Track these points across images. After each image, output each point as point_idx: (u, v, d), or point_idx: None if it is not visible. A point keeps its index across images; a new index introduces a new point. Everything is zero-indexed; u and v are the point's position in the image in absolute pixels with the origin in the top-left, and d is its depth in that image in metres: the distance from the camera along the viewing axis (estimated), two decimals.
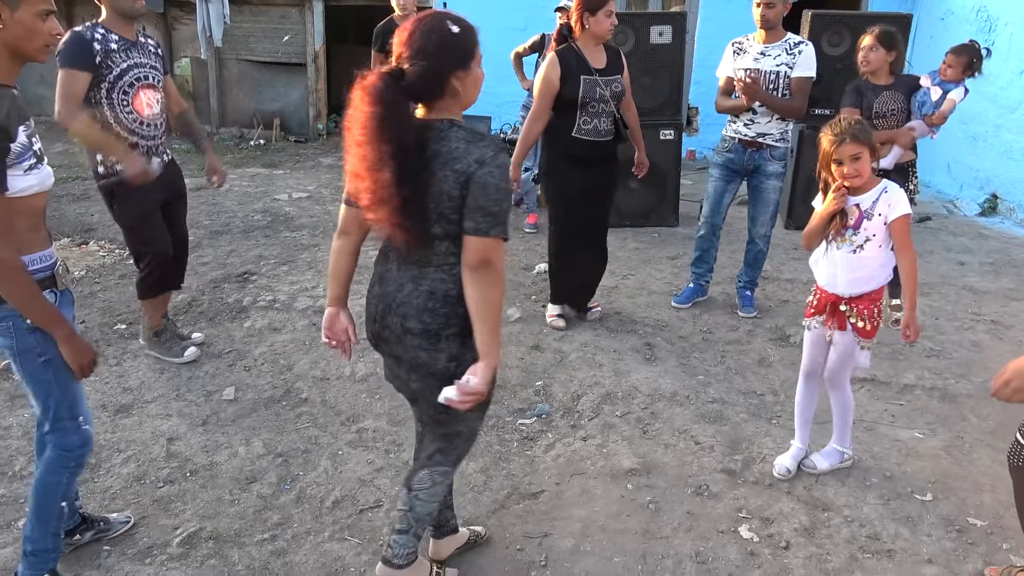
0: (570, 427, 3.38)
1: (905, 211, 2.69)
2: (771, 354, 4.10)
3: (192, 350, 3.87)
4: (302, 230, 6.13)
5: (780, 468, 3.05)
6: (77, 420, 2.25)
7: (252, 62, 10.24)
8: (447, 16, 1.95)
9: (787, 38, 4.33)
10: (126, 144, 3.42)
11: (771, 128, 4.34)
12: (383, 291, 2.10)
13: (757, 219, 4.53)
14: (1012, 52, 7.17)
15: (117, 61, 3.36)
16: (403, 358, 2.10)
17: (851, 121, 2.70)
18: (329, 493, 2.89)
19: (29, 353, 2.13)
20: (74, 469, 2.31)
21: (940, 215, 7.24)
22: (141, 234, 3.63)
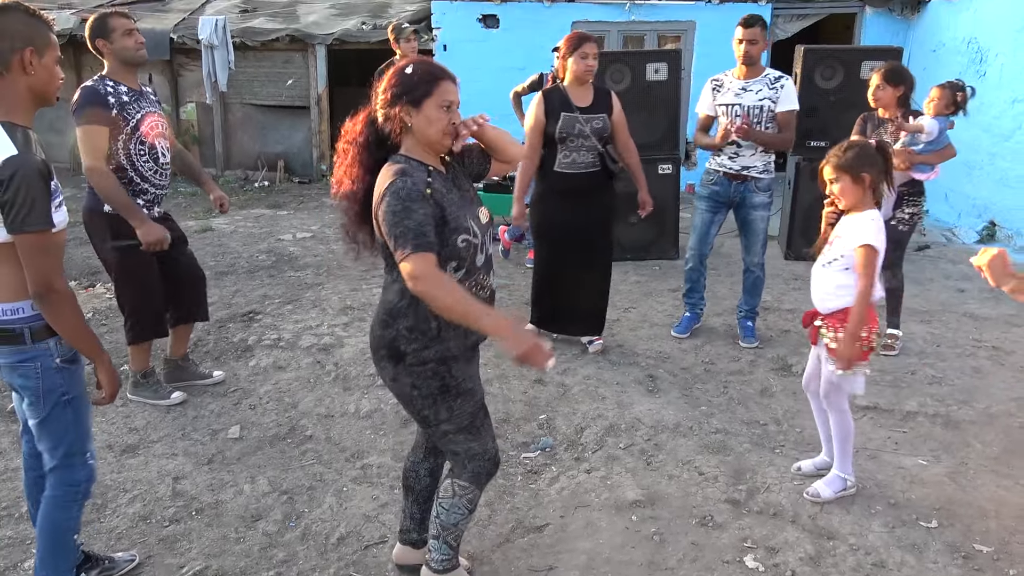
0: (574, 460, 3.38)
1: (864, 241, 2.73)
2: (773, 384, 4.11)
3: (178, 394, 3.88)
4: (306, 269, 6.19)
5: (794, 465, 3.23)
6: (85, 455, 2.30)
7: (256, 106, 10.42)
8: (415, 62, 2.17)
9: (766, 73, 4.45)
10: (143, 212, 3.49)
11: (755, 161, 4.44)
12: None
13: (751, 248, 4.61)
14: (1004, 82, 7.28)
15: (132, 112, 3.46)
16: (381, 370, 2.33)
17: (842, 147, 2.82)
18: (334, 530, 2.90)
19: (53, 392, 2.17)
20: (82, 502, 2.35)
21: (939, 243, 7.29)
22: (133, 283, 3.67)
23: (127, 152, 3.46)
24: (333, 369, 4.29)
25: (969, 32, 7.87)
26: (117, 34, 3.44)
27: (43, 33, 2.07)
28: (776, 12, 9.22)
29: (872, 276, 2.74)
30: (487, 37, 9.54)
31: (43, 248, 2.02)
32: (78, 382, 2.25)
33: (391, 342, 2.20)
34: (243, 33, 10.04)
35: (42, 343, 2.14)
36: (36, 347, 2.13)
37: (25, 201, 1.95)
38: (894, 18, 9.21)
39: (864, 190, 2.79)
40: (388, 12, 10.75)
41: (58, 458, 2.25)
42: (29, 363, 2.13)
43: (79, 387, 2.25)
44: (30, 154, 1.98)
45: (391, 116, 2.14)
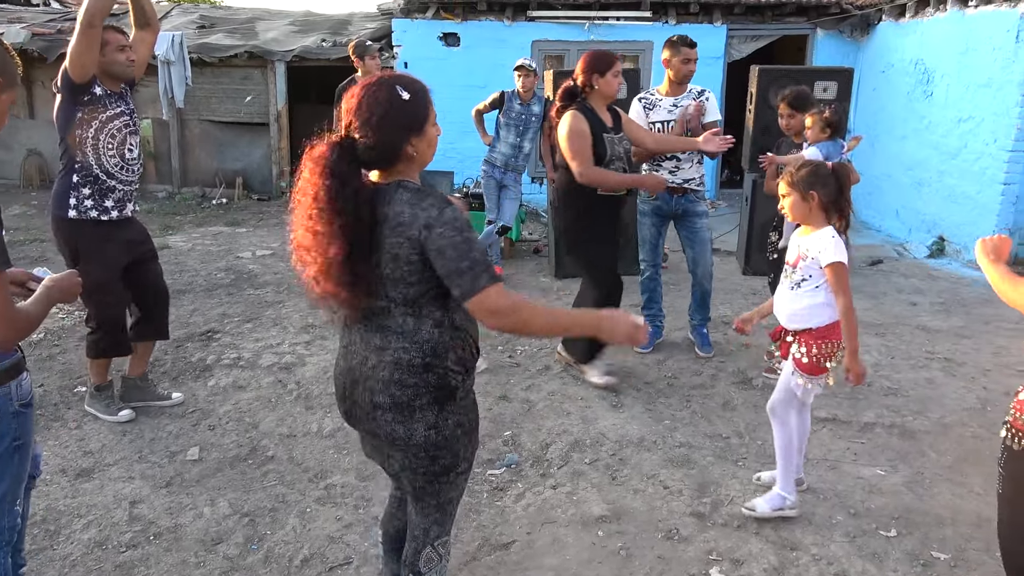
0: (540, 476, 3.38)
1: (834, 259, 2.80)
2: (735, 397, 4.16)
3: (126, 412, 3.81)
4: (266, 287, 6.11)
5: (754, 475, 3.28)
6: (15, 504, 2.13)
7: (214, 122, 10.31)
8: (397, 81, 1.88)
9: (690, 89, 4.63)
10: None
11: (694, 173, 4.63)
12: (348, 365, 2.00)
13: (698, 260, 4.71)
14: (950, 102, 7.54)
15: (109, 105, 3.46)
16: (379, 434, 1.98)
17: (798, 165, 2.92)
18: (298, 551, 2.85)
19: (5, 438, 2.02)
20: (9, 547, 2.17)
21: (891, 258, 7.49)
22: (100, 298, 3.60)
23: (95, 143, 3.43)
24: (295, 388, 4.23)
25: (916, 54, 8.15)
26: (111, 48, 3.44)
27: (12, 72, 1.98)
28: (731, 33, 9.44)
29: (849, 291, 2.81)
30: (448, 55, 9.59)
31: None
32: (30, 427, 2.11)
33: (439, 383, 1.93)
34: (200, 49, 9.94)
35: (2, 387, 1.99)
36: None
37: None
38: (844, 40, 9.50)
39: (812, 209, 2.85)
40: (348, 29, 10.74)
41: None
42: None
43: (30, 433, 2.11)
44: None
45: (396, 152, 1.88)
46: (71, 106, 3.41)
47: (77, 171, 3.46)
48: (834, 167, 2.93)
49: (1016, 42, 6.61)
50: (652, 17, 9.37)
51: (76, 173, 3.47)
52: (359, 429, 2.08)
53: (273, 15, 12.19)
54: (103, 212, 3.53)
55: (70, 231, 3.52)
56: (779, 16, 9.46)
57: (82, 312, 5.27)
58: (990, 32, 6.95)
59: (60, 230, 3.55)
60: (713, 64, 9.06)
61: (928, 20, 7.96)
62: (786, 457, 3.02)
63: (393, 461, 2.04)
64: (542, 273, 6.74)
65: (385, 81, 1.89)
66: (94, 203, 3.50)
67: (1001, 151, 6.81)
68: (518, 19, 9.51)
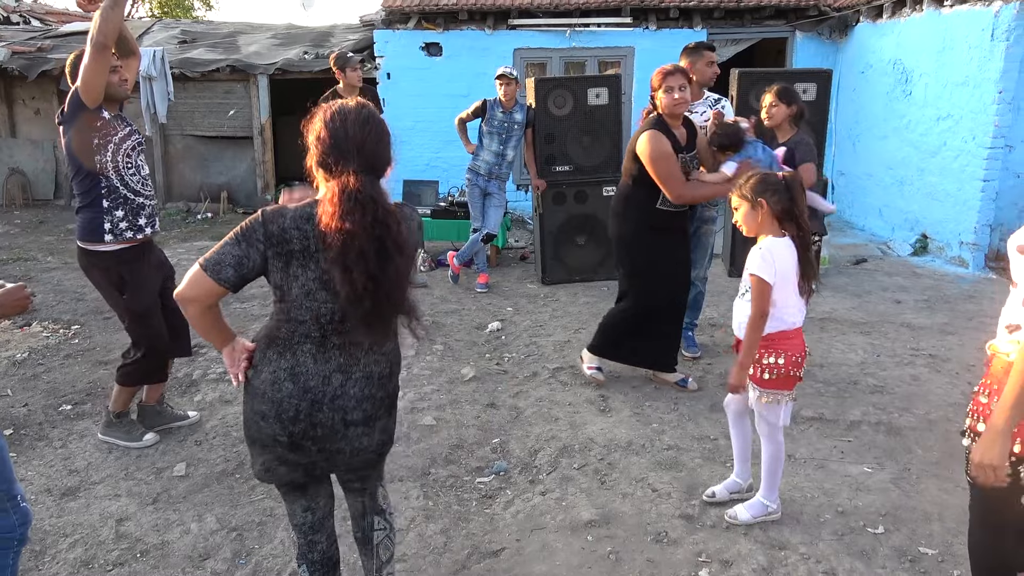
0: (529, 482, 3.38)
1: (752, 271, 2.79)
2: (721, 399, 4.13)
3: (151, 436, 3.77)
4: (252, 300, 6.09)
5: (708, 491, 3.20)
6: (16, 499, 2.18)
7: (198, 137, 10.29)
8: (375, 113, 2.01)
9: (707, 96, 4.66)
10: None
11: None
12: (302, 387, 1.98)
13: (698, 263, 4.72)
14: (928, 101, 7.62)
15: (118, 126, 3.43)
16: (344, 449, 2.06)
17: (746, 176, 2.91)
18: (286, 565, 2.83)
19: None
20: (18, 548, 2.23)
21: (875, 256, 7.54)
22: (149, 322, 3.57)
23: (115, 165, 3.41)
24: None
25: (894, 54, 8.23)
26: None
27: None
28: (711, 37, 9.49)
29: (759, 305, 2.78)
30: (431, 65, 9.60)
31: None
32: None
33: (394, 390, 2.16)
34: (182, 64, 9.92)
35: None
36: None
37: None
38: (823, 42, 9.58)
39: (762, 217, 2.84)
40: (330, 41, 10.75)
41: None
42: None
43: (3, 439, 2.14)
44: None
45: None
46: (86, 133, 3.33)
47: (105, 196, 3.40)
48: (785, 176, 2.89)
49: (991, 40, 6.69)
50: (632, 23, 9.43)
51: (105, 198, 3.40)
52: (309, 449, 2.05)
53: (255, 29, 12.18)
54: (138, 231, 3.50)
55: (109, 261, 3.45)
56: (758, 19, 9.53)
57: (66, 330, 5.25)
58: (966, 31, 7.03)
59: (96, 263, 3.47)
60: None
61: (905, 20, 8.04)
62: (772, 468, 3.01)
63: (347, 468, 2.17)
64: (528, 280, 6.74)
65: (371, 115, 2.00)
66: (128, 224, 3.46)
67: (980, 148, 6.88)
68: (499, 28, 9.54)
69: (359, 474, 2.24)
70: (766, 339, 2.84)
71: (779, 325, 2.84)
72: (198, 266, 1.94)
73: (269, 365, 2.01)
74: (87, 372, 4.65)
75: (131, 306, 3.53)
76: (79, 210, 3.46)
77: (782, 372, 2.84)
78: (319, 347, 1.99)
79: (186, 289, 1.96)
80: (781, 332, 2.84)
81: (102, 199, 3.41)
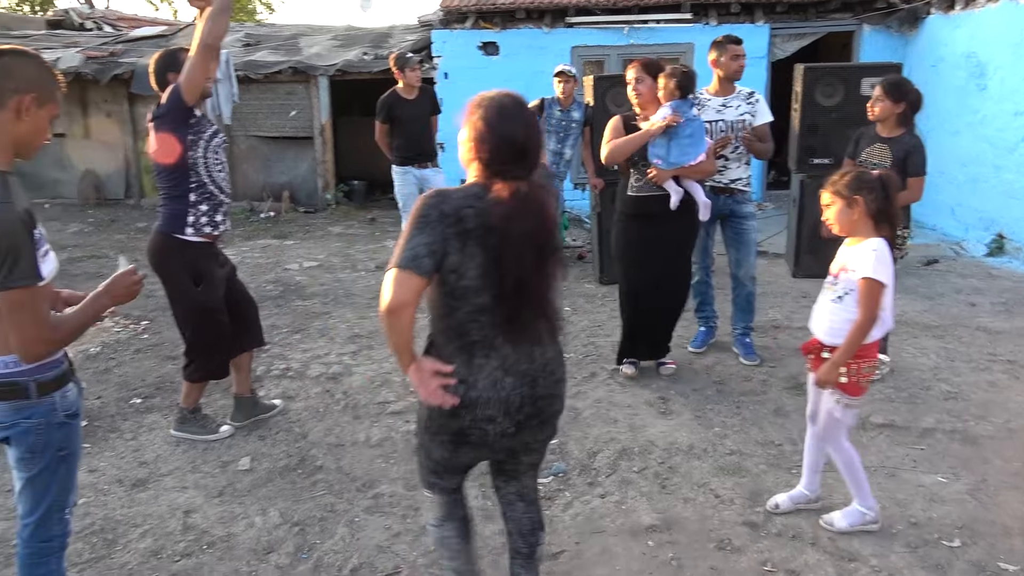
0: (587, 485, 3.34)
1: (868, 274, 2.67)
2: (787, 403, 4.07)
3: (227, 428, 3.86)
4: (313, 298, 6.19)
5: (771, 502, 3.10)
6: (64, 511, 2.19)
7: (261, 137, 10.51)
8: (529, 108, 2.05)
9: (739, 90, 4.56)
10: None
11: (741, 174, 4.56)
12: (519, 373, 2.02)
13: (742, 262, 4.63)
14: (1005, 95, 7.30)
15: (205, 123, 3.52)
16: (551, 421, 2.17)
17: (840, 173, 2.81)
18: (347, 561, 2.86)
19: (51, 448, 2.08)
20: (60, 554, 2.23)
21: (948, 257, 7.26)
22: (216, 316, 3.66)
23: (205, 161, 3.50)
24: (342, 398, 4.26)
25: (967, 47, 7.91)
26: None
27: (50, 87, 2.01)
28: (774, 32, 9.29)
29: (871, 309, 2.67)
30: (488, 64, 9.62)
31: (26, 304, 1.87)
32: (76, 437, 2.16)
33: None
34: (247, 66, 10.14)
35: (47, 397, 2.04)
36: (41, 402, 2.03)
37: (8, 256, 1.83)
38: (891, 35, 9.27)
39: (857, 217, 2.73)
40: (389, 42, 10.87)
41: (38, 514, 2.13)
42: (31, 419, 2.03)
43: (76, 442, 2.16)
44: (10, 203, 1.85)
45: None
46: (182, 129, 3.42)
47: (194, 190, 3.50)
48: (880, 174, 2.80)
49: None
50: (692, 19, 9.28)
51: (193, 192, 3.50)
52: (531, 428, 2.11)
53: (316, 30, 12.39)
54: (215, 227, 3.60)
55: (186, 252, 3.55)
56: (823, 13, 9.28)
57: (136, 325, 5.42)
58: None
59: (174, 252, 3.55)
60: (756, 64, 8.92)
61: (980, 11, 7.72)
62: (852, 475, 2.91)
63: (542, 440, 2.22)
64: (586, 279, 6.69)
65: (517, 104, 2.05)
66: (208, 219, 3.56)
67: None
68: (556, 26, 9.50)
69: (545, 438, 2.24)
70: (867, 347, 2.75)
71: (882, 331, 2.76)
72: (395, 270, 1.87)
73: (482, 372, 2.00)
74: (156, 367, 4.79)
75: (204, 300, 3.61)
76: (165, 202, 3.55)
77: (861, 380, 2.77)
78: (509, 330, 1.99)
79: (395, 297, 1.87)
80: (875, 341, 2.76)
81: (190, 192, 3.50)
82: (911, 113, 4.12)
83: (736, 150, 4.49)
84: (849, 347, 2.72)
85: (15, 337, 1.89)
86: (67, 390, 2.11)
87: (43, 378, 2.03)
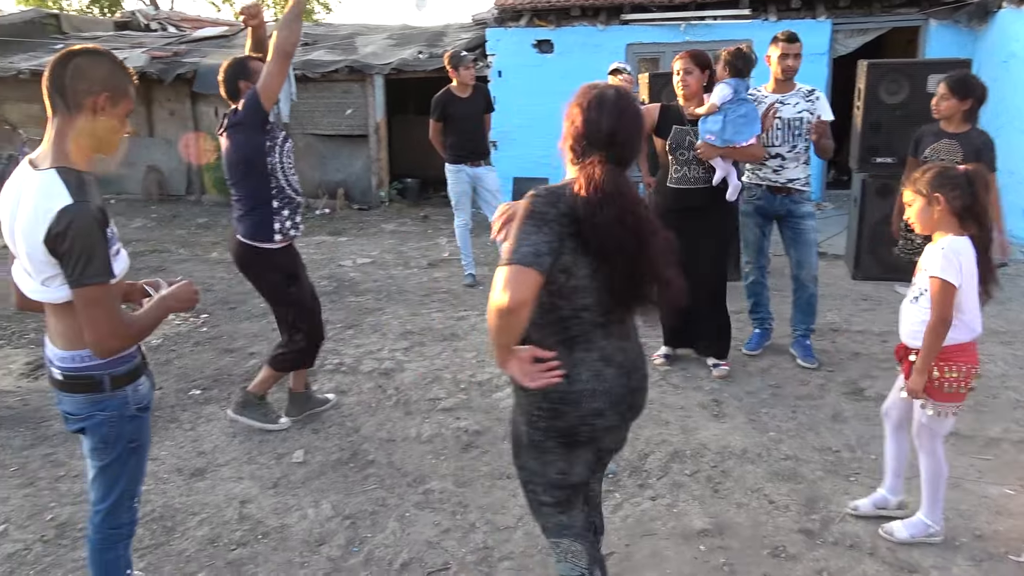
0: (638, 487, 3.31)
1: (936, 273, 2.58)
2: (845, 409, 3.97)
3: (286, 420, 3.93)
4: (366, 294, 6.27)
5: (852, 504, 3.03)
6: (133, 500, 2.28)
7: (317, 135, 10.68)
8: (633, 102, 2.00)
9: (799, 87, 4.46)
10: None
11: (799, 173, 4.45)
12: (617, 364, 2.00)
13: (803, 262, 4.52)
14: None
15: (277, 128, 3.59)
16: (635, 418, 2.16)
17: (923, 169, 2.72)
18: (397, 555, 2.88)
19: (122, 439, 2.15)
20: (128, 541, 2.32)
21: (1018, 260, 6.98)
22: (313, 311, 3.80)
23: (281, 164, 3.57)
24: (394, 393, 4.31)
25: None
26: (257, 76, 3.48)
27: (123, 84, 2.05)
28: (836, 27, 9.06)
29: (940, 310, 2.58)
30: (542, 62, 9.60)
31: (100, 301, 1.92)
32: (146, 430, 2.24)
33: None
34: (304, 66, 10.32)
35: (120, 391, 2.12)
36: (114, 395, 2.11)
37: (83, 253, 1.87)
38: (960, 30, 8.95)
39: (939, 215, 2.63)
40: (443, 41, 10.94)
41: (109, 502, 2.22)
42: (105, 411, 2.11)
43: (146, 435, 2.24)
44: (86, 203, 1.89)
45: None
46: (260, 135, 3.47)
47: (276, 196, 3.55)
48: (966, 169, 2.69)
49: None
50: (751, 15, 9.11)
51: (275, 199, 3.55)
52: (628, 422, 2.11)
53: (372, 30, 12.55)
54: (296, 229, 3.68)
55: (276, 258, 3.63)
56: (888, 7, 9.01)
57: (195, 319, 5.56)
58: None
59: (265, 260, 3.62)
60: (817, 61, 8.72)
61: None
62: (933, 486, 2.81)
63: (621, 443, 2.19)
64: None
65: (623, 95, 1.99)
66: (291, 223, 3.63)
67: None
68: (612, 23, 9.43)
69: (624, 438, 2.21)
70: (948, 351, 2.64)
71: (965, 335, 2.66)
72: (514, 267, 1.78)
73: (583, 364, 1.96)
74: (214, 359, 4.91)
75: (300, 299, 3.73)
76: (248, 212, 3.55)
77: (956, 387, 2.67)
78: (605, 324, 1.98)
79: (515, 294, 1.77)
80: (962, 345, 2.65)
81: (272, 199, 3.54)
82: (977, 108, 3.99)
83: (794, 149, 4.39)
84: (927, 351, 2.63)
85: (89, 333, 1.95)
86: (139, 384, 2.18)
87: (117, 372, 2.10)
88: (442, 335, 5.25)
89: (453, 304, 5.99)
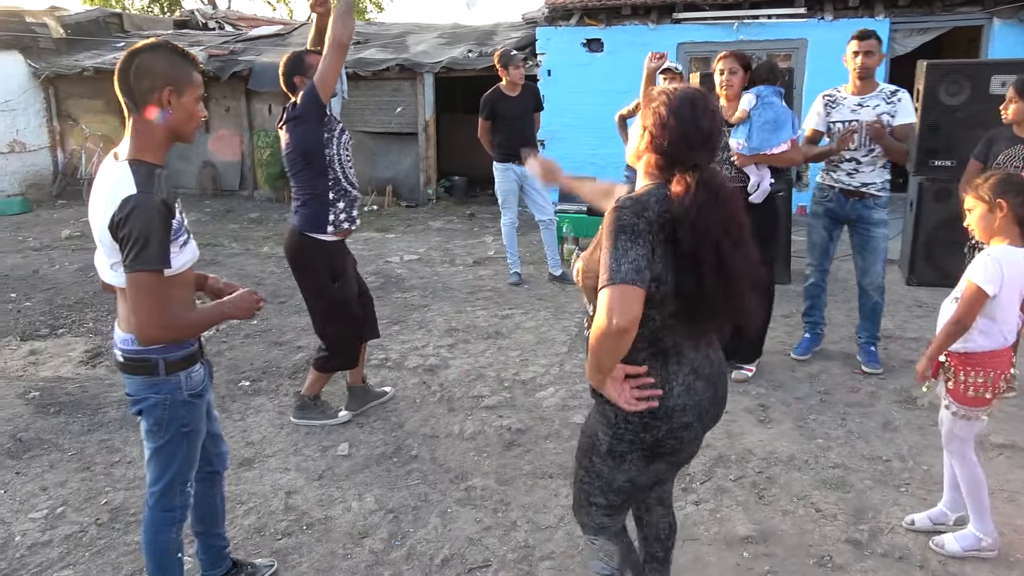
0: (681, 490, 3.28)
1: (971, 276, 2.54)
2: (896, 417, 3.87)
3: (345, 413, 3.99)
4: (413, 291, 6.33)
5: (908, 518, 2.96)
6: (186, 484, 2.34)
7: (367, 133, 10.81)
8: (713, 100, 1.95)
9: (881, 88, 4.31)
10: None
11: (875, 177, 4.30)
12: (705, 377, 1.97)
13: (869, 270, 4.40)
14: None
15: (335, 120, 3.64)
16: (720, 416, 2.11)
17: (986, 175, 2.66)
18: (438, 551, 2.91)
19: (175, 423, 2.22)
20: (180, 525, 2.38)
21: None
22: (352, 309, 3.81)
23: (338, 156, 3.62)
24: (438, 390, 4.34)
25: None
26: (313, 71, 3.53)
27: (185, 72, 2.10)
28: (894, 27, 8.82)
29: (964, 311, 2.54)
30: (591, 61, 9.56)
31: (150, 288, 1.97)
32: (200, 416, 2.30)
33: None
34: (356, 64, 10.45)
35: (174, 376, 2.19)
36: (168, 379, 2.18)
37: (139, 239, 1.93)
38: None
39: (1001, 221, 2.56)
40: (493, 39, 10.97)
41: (162, 484, 2.29)
42: (159, 394, 2.19)
43: (200, 421, 2.30)
44: (149, 193, 1.97)
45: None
46: (319, 127, 3.53)
47: (332, 188, 3.60)
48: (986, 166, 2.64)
49: None
50: (807, 13, 8.93)
51: (332, 190, 3.60)
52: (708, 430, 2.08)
53: (423, 28, 12.65)
54: (352, 222, 3.72)
55: (326, 250, 3.68)
56: (949, 6, 8.74)
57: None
58: None
59: (315, 250, 3.67)
60: None
61: None
62: (973, 494, 2.73)
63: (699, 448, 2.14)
64: None
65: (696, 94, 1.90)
66: (346, 215, 3.68)
67: None
68: (663, 22, 9.35)
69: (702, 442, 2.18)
70: (976, 357, 2.60)
71: (995, 343, 2.59)
72: (620, 286, 1.72)
73: (676, 378, 1.93)
74: (263, 352, 5.01)
75: (342, 294, 3.75)
76: (304, 203, 3.62)
77: (981, 392, 2.61)
78: (695, 334, 1.95)
79: (626, 314, 1.72)
80: (991, 352, 2.59)
81: (328, 191, 3.60)
82: None
83: (871, 153, 4.24)
84: (937, 342, 2.61)
85: (135, 317, 2.01)
86: (193, 370, 2.25)
87: (171, 357, 2.18)
88: (487, 333, 5.28)
89: (498, 302, 6.01)
